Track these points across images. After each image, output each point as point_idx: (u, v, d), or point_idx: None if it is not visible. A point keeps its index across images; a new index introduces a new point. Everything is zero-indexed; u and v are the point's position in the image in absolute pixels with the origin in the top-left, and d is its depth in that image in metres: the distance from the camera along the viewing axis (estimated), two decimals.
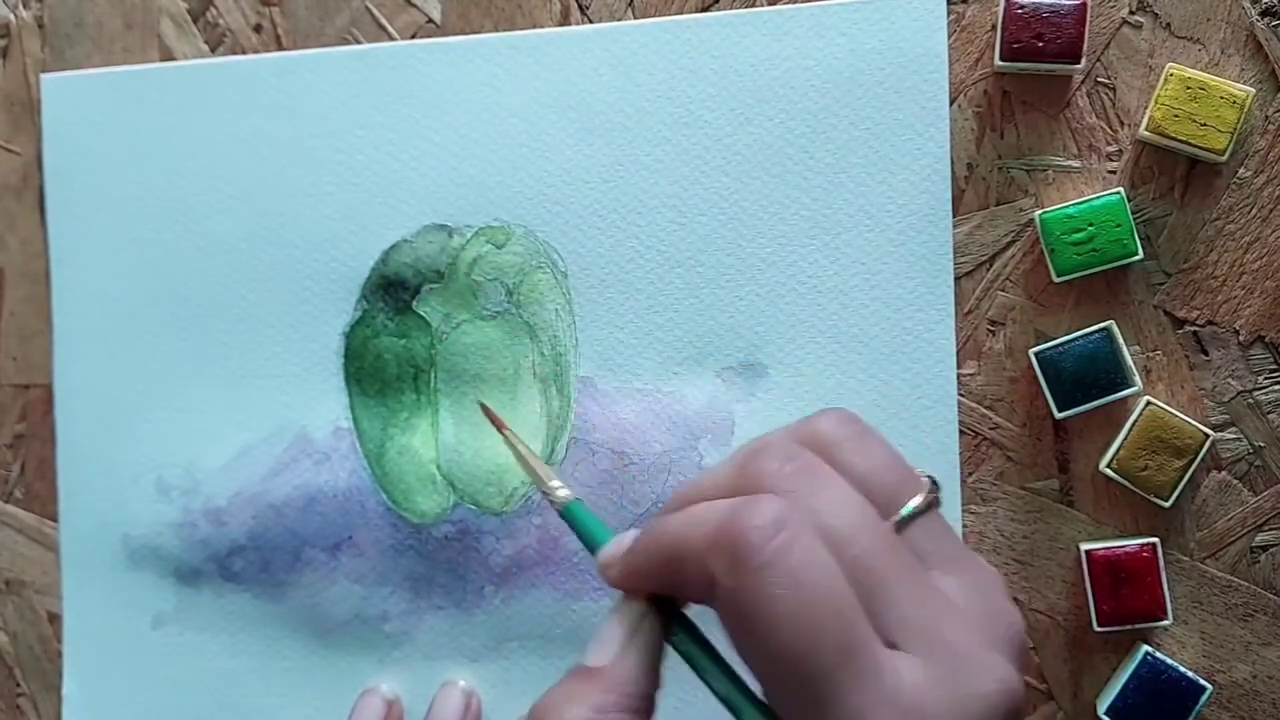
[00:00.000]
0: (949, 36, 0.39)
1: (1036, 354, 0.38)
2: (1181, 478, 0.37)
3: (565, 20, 0.41)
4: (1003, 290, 0.39)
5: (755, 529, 0.25)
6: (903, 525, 0.28)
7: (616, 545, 0.30)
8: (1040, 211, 0.38)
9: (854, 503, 0.27)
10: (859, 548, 0.26)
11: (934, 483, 0.29)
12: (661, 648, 0.29)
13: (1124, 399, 0.37)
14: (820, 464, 0.27)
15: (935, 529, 0.28)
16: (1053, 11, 0.37)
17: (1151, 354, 0.38)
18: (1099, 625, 0.37)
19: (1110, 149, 0.38)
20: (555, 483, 0.33)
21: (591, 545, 0.31)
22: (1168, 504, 0.37)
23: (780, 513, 0.25)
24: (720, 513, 0.26)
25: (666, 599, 0.29)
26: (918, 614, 0.26)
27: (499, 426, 0.36)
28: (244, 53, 0.44)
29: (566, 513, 0.33)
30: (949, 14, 0.39)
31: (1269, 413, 0.38)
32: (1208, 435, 0.37)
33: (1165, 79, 0.37)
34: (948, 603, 0.27)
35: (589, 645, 0.29)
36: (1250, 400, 0.38)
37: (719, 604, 0.26)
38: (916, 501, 0.28)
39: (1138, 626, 0.37)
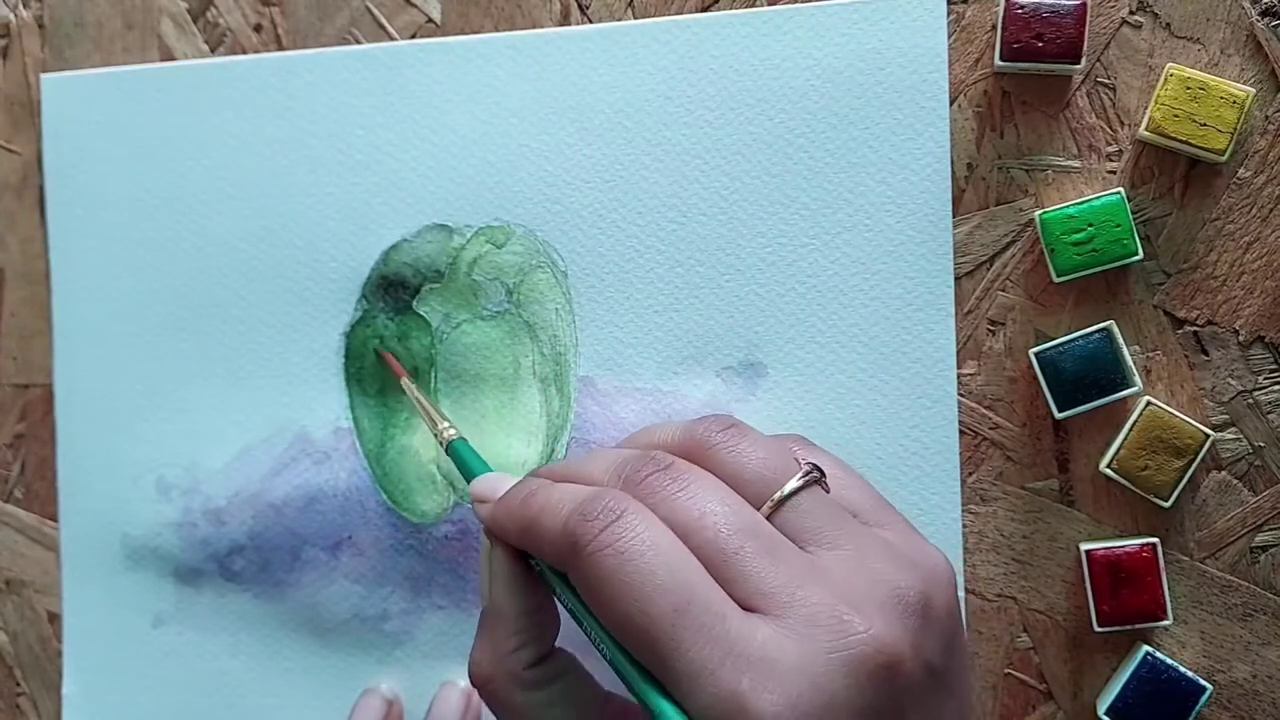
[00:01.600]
0: (949, 36, 0.39)
1: (1036, 354, 0.38)
2: (1181, 478, 0.37)
3: (565, 20, 0.41)
4: (1003, 290, 0.39)
5: (592, 521, 0.29)
6: (776, 509, 0.30)
7: (490, 486, 0.34)
8: (1040, 211, 0.38)
9: (712, 496, 0.30)
10: (709, 531, 0.29)
11: (815, 468, 0.31)
12: (520, 570, 0.32)
13: (1124, 399, 0.37)
14: (684, 467, 0.30)
15: (814, 509, 0.31)
16: (1053, 11, 0.37)
17: (1151, 354, 0.38)
18: (1099, 625, 0.37)
19: (1110, 149, 0.38)
20: (444, 424, 0.38)
21: (468, 475, 0.36)
22: (1168, 504, 0.37)
23: (618, 504, 0.29)
24: (570, 506, 0.30)
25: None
26: (770, 582, 0.28)
27: (398, 375, 0.40)
28: (244, 53, 0.44)
29: (450, 449, 0.38)
30: (949, 14, 0.39)
31: (1269, 413, 0.38)
32: (1208, 435, 0.37)
33: (1165, 79, 0.37)
34: (808, 571, 0.29)
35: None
36: (1250, 400, 0.38)
37: (571, 579, 0.30)
38: (790, 485, 0.30)
39: (1138, 626, 0.37)
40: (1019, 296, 0.39)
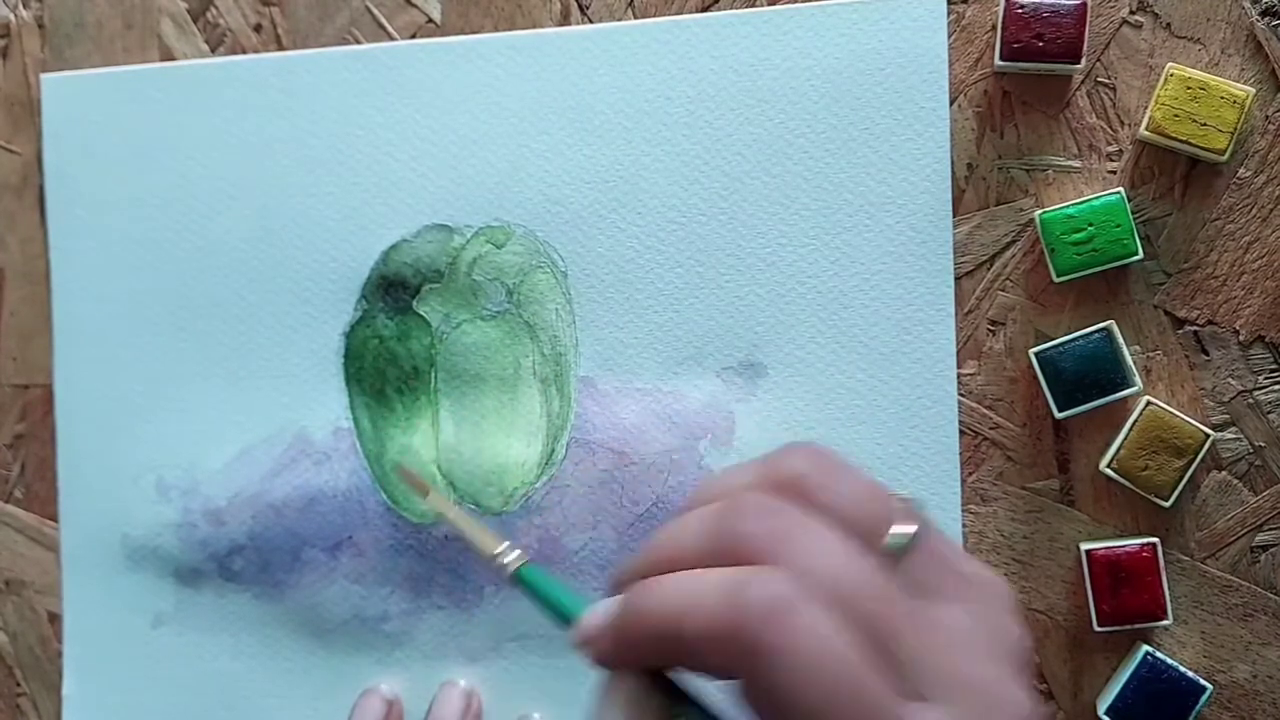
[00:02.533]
0: (949, 36, 0.39)
1: (1036, 354, 0.38)
2: (1181, 478, 0.37)
3: (565, 20, 0.41)
4: (1003, 290, 0.39)
5: (756, 617, 0.24)
6: (895, 555, 0.27)
7: (595, 617, 0.28)
8: (1040, 211, 0.38)
9: (845, 552, 0.25)
10: (863, 602, 0.25)
11: (915, 504, 0.27)
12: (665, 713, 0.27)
13: (1124, 399, 0.37)
14: (799, 516, 0.26)
15: (928, 553, 0.27)
16: (1053, 11, 0.37)
17: (1152, 354, 0.38)
18: (1099, 625, 0.37)
19: (1110, 149, 0.38)
20: (500, 548, 0.30)
21: (563, 614, 0.28)
22: (1168, 504, 0.37)
23: (777, 591, 0.24)
24: (715, 598, 0.25)
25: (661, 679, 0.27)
26: (933, 660, 0.25)
27: (424, 491, 0.35)
28: (244, 53, 0.44)
29: (521, 580, 0.30)
30: (949, 14, 0.39)
31: (1269, 413, 0.38)
32: (1208, 435, 0.37)
33: (1165, 79, 0.37)
34: (957, 636, 0.26)
35: None
36: (1250, 400, 0.38)
37: (740, 690, 0.25)
38: (906, 530, 0.27)
39: (1138, 626, 0.37)
40: (1019, 296, 0.39)
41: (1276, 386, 0.38)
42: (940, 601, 0.27)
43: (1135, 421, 0.37)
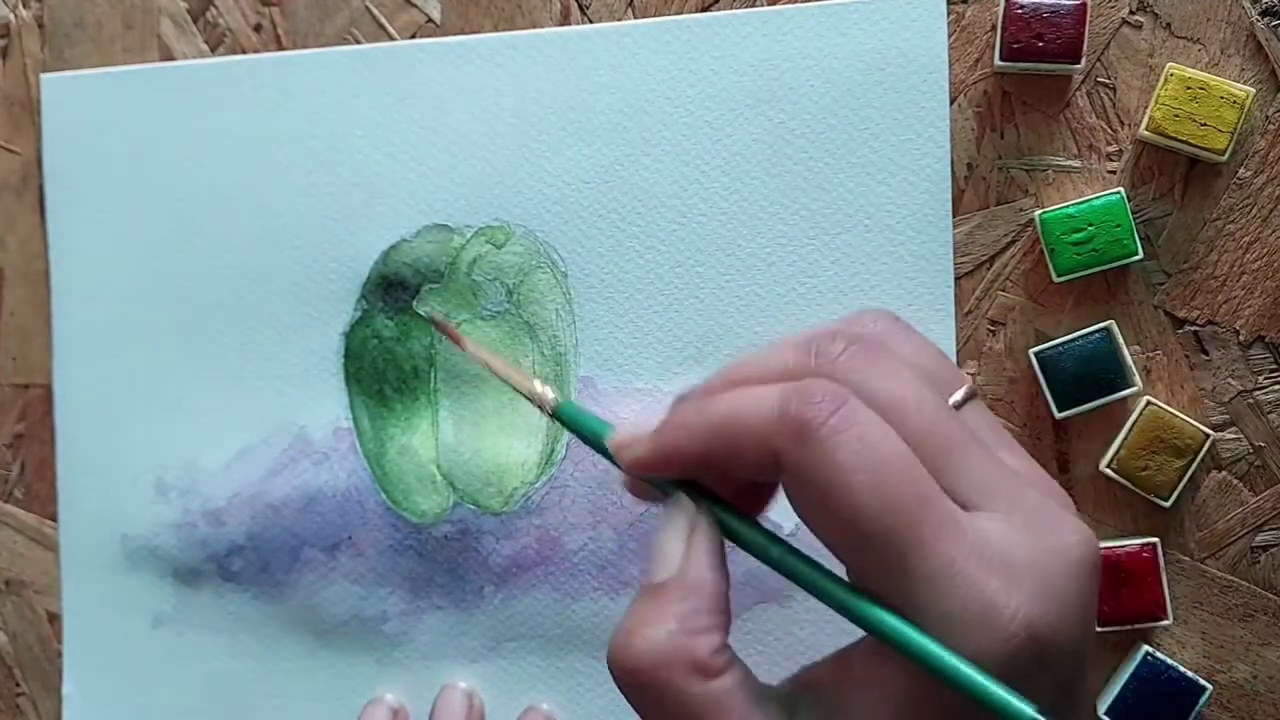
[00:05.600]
0: (949, 36, 0.39)
1: (1036, 354, 0.38)
2: (1181, 478, 0.37)
3: (565, 20, 0.41)
4: (1003, 290, 0.39)
5: (819, 404, 0.25)
6: (958, 408, 0.28)
7: (633, 428, 0.30)
8: (1040, 211, 0.38)
9: (913, 379, 0.27)
10: (924, 419, 0.26)
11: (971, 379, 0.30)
12: (721, 543, 0.28)
13: (1124, 399, 0.37)
14: (876, 345, 0.27)
15: (983, 415, 0.29)
16: (1053, 11, 0.37)
17: (1151, 354, 0.38)
18: (1099, 626, 0.37)
19: (1110, 149, 0.38)
20: (542, 388, 0.32)
21: (598, 433, 0.30)
22: (1168, 504, 0.37)
23: (838, 388, 0.26)
24: (780, 392, 0.26)
25: (693, 485, 0.29)
26: (990, 475, 0.26)
27: (457, 340, 0.36)
28: (244, 53, 0.44)
29: (560, 414, 0.32)
30: (949, 14, 0.39)
31: (1269, 413, 0.38)
32: (1208, 435, 0.37)
33: (1165, 79, 0.37)
34: (1012, 468, 0.27)
35: (650, 563, 0.28)
36: (1250, 400, 0.38)
37: (786, 478, 0.26)
38: (966, 388, 0.28)
39: (1138, 626, 0.37)
40: (1019, 296, 0.39)
41: (1276, 386, 0.38)
42: (997, 448, 0.28)
43: (1135, 421, 0.37)
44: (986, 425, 0.29)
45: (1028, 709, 0.23)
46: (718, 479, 0.29)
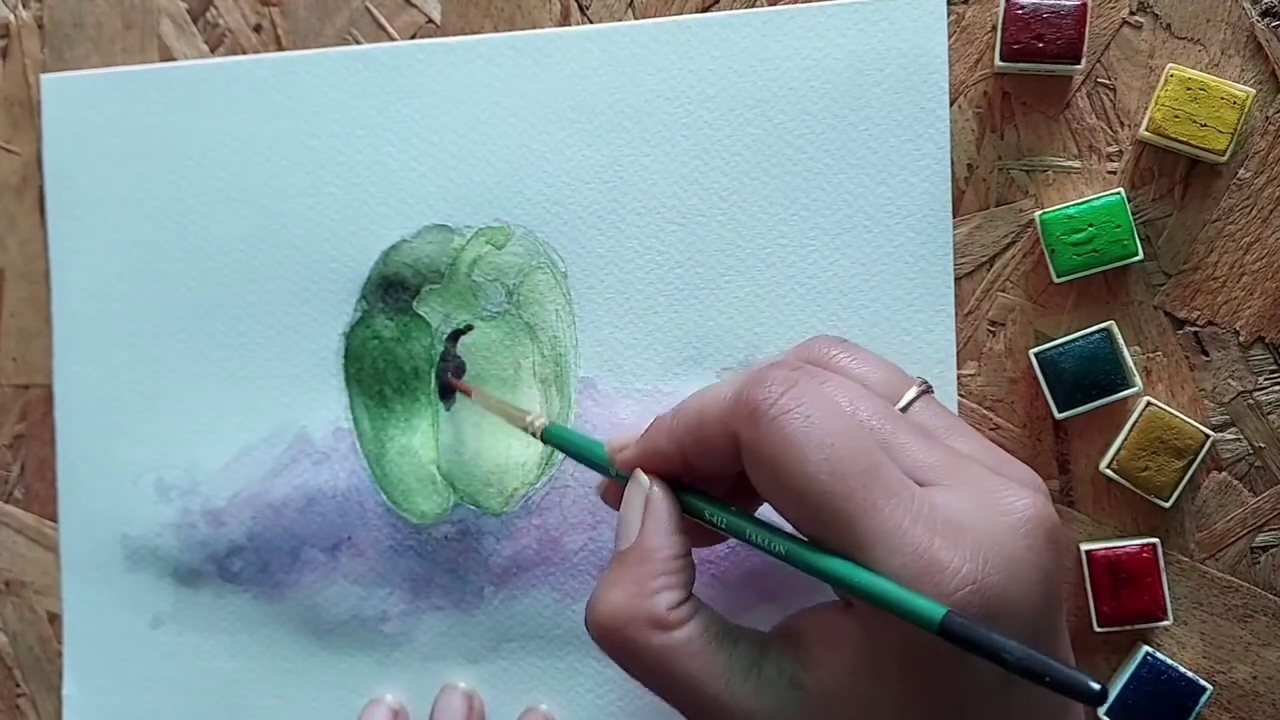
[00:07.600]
0: (949, 37, 0.39)
1: (1036, 354, 0.38)
2: (1182, 478, 0.37)
3: (565, 20, 0.41)
4: (1003, 291, 0.39)
5: (770, 387, 0.29)
6: (905, 409, 0.31)
7: (621, 437, 0.34)
8: (1040, 212, 0.38)
9: (853, 388, 0.30)
10: (866, 413, 0.29)
11: (925, 381, 0.32)
12: (678, 512, 0.32)
13: (1124, 399, 0.37)
14: (819, 372, 0.30)
15: (935, 411, 0.32)
16: (1053, 12, 0.37)
17: (1151, 354, 0.38)
18: (1099, 626, 0.37)
19: (1110, 149, 0.38)
20: (530, 416, 0.37)
21: (589, 449, 0.35)
22: (1168, 504, 0.37)
23: (789, 375, 0.29)
24: (734, 385, 0.29)
25: (674, 482, 0.32)
26: (933, 458, 0.29)
27: (465, 391, 0.40)
28: (244, 53, 0.44)
29: (548, 436, 0.36)
30: (949, 14, 0.39)
31: (1269, 413, 0.38)
32: (1208, 436, 0.37)
33: (1165, 79, 0.37)
34: (956, 453, 0.30)
35: (616, 536, 0.32)
36: (1250, 401, 0.38)
37: (746, 457, 0.29)
38: (912, 392, 0.32)
39: (1138, 627, 0.37)
40: (1019, 297, 0.39)
41: (1276, 387, 0.38)
42: (953, 439, 0.31)
43: (1135, 422, 0.37)
44: (936, 417, 0.31)
45: (940, 610, 0.25)
46: (708, 479, 0.32)
